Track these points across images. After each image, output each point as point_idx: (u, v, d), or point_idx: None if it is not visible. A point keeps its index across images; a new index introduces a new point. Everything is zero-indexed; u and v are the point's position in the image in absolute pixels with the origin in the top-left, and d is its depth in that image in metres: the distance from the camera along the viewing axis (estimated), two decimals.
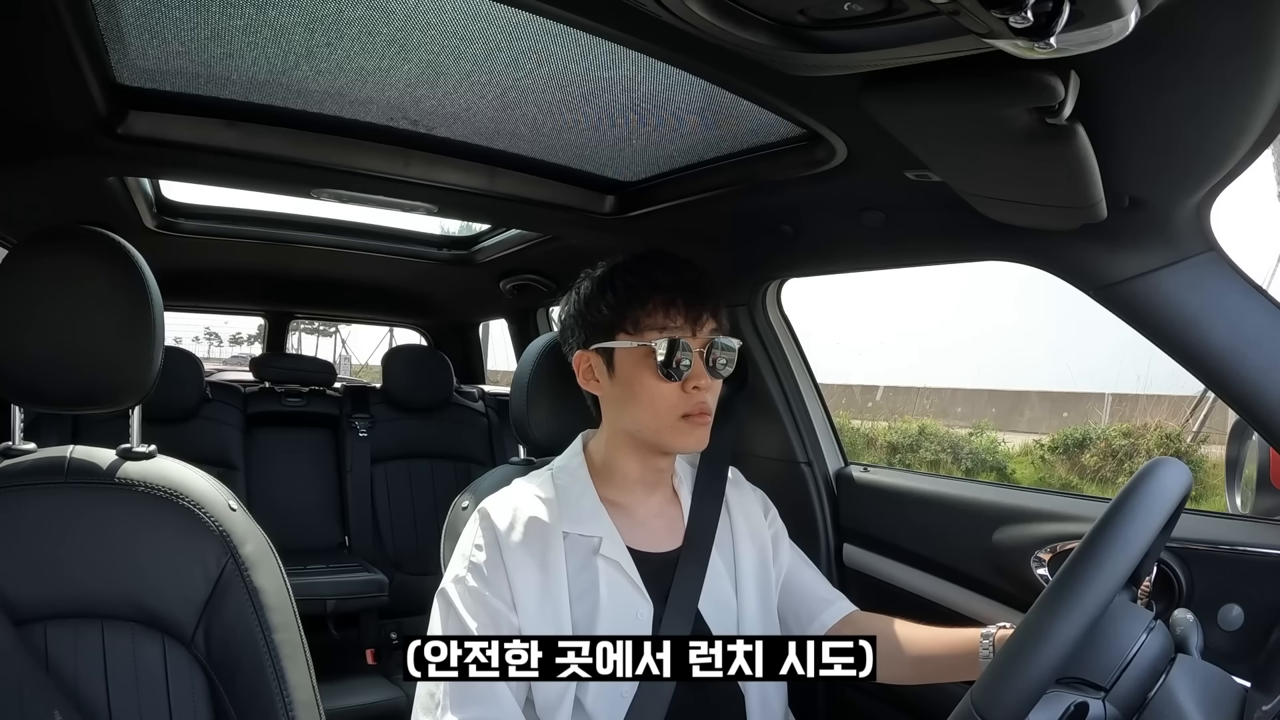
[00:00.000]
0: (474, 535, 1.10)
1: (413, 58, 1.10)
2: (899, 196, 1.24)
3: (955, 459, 10.74)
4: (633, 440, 1.14)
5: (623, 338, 1.10)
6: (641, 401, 1.10)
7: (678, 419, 1.09)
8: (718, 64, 0.88)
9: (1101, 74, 0.72)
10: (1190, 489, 0.78)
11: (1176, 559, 1.13)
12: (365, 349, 28.92)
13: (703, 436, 1.11)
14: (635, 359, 1.09)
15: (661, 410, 1.09)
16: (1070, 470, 10.12)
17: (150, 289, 1.05)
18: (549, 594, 1.06)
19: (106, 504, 1.04)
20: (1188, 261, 1.07)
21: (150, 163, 1.49)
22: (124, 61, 1.14)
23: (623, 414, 1.13)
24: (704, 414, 1.10)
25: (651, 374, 1.08)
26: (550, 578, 1.07)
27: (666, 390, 1.08)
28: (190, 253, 2.44)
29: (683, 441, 1.11)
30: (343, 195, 1.59)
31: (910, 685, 1.12)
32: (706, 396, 1.10)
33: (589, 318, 1.14)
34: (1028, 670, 0.68)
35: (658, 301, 1.09)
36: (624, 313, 1.10)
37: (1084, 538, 0.74)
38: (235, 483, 2.66)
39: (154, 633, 1.03)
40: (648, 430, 1.11)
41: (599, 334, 1.12)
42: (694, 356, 1.09)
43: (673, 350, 1.07)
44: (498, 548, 1.07)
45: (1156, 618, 0.80)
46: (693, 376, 1.09)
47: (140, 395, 1.07)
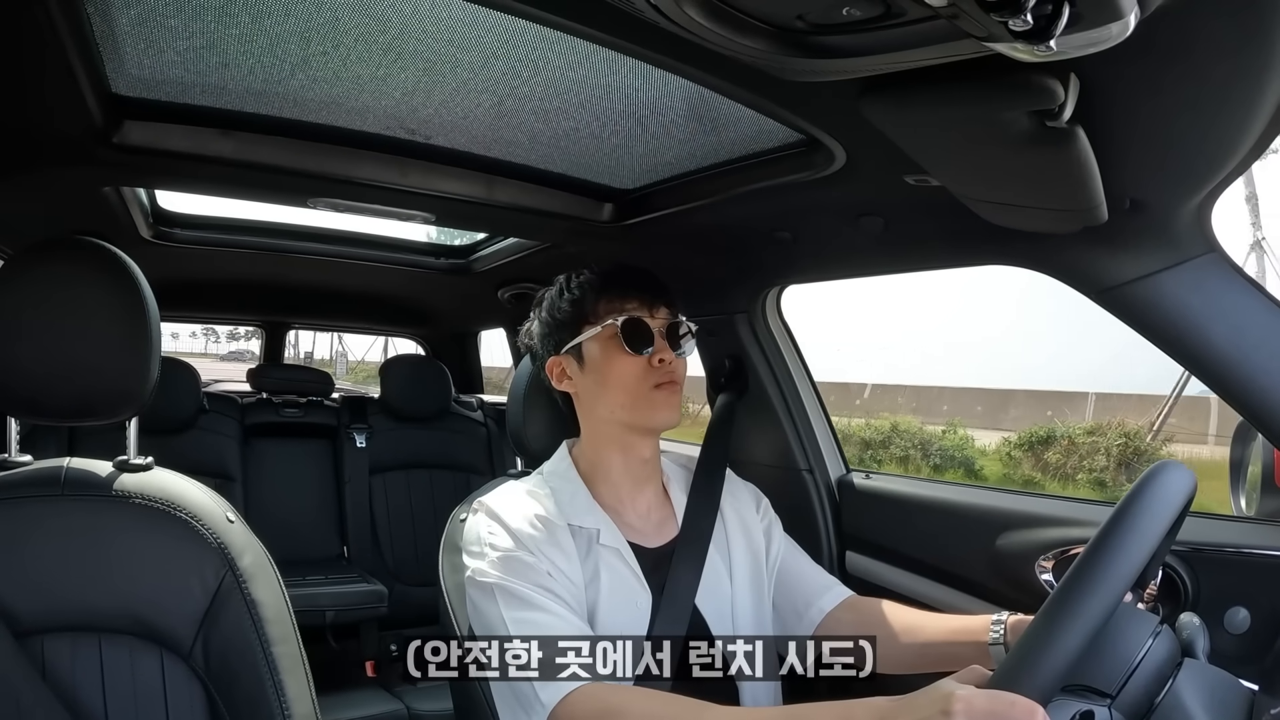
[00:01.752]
0: (485, 528, 1.12)
1: (409, 66, 1.11)
2: (898, 201, 1.24)
3: (925, 455, 10.79)
4: (611, 430, 1.19)
5: (586, 329, 1.18)
6: (612, 380, 1.16)
7: (649, 391, 1.16)
8: (715, 70, 0.88)
9: (1101, 76, 0.72)
10: (1195, 492, 0.78)
11: (1182, 562, 1.13)
12: (361, 345, 29.02)
13: (675, 407, 1.17)
14: (600, 342, 1.17)
15: (632, 384, 1.15)
16: (1034, 467, 10.18)
17: (147, 299, 1.05)
18: (569, 574, 1.09)
19: (103, 516, 1.04)
20: (1189, 263, 1.07)
21: (146, 172, 1.49)
22: (119, 71, 1.14)
23: (598, 402, 1.19)
24: (673, 383, 1.17)
25: (618, 351, 1.16)
26: (566, 558, 1.10)
27: (634, 365, 1.15)
28: (187, 263, 2.44)
29: (656, 414, 1.16)
30: (339, 205, 1.59)
31: (915, 675, 1.11)
32: (674, 369, 1.17)
33: (552, 323, 1.22)
34: (1033, 679, 0.67)
35: (614, 291, 1.19)
36: (583, 306, 1.19)
37: (1089, 543, 0.74)
38: (233, 494, 2.66)
39: (152, 646, 1.03)
40: (623, 409, 1.16)
41: (565, 334, 1.20)
42: (655, 334, 1.17)
43: (633, 324, 1.16)
44: (511, 535, 1.09)
45: (1162, 622, 0.80)
46: (656, 350, 1.16)
47: (137, 406, 1.07)
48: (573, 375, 1.21)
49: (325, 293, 3.07)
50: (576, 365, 1.20)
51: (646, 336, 1.16)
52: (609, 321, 1.16)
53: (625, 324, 1.15)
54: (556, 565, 1.08)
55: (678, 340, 1.19)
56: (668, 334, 1.18)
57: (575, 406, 1.24)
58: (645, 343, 1.15)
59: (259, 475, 2.84)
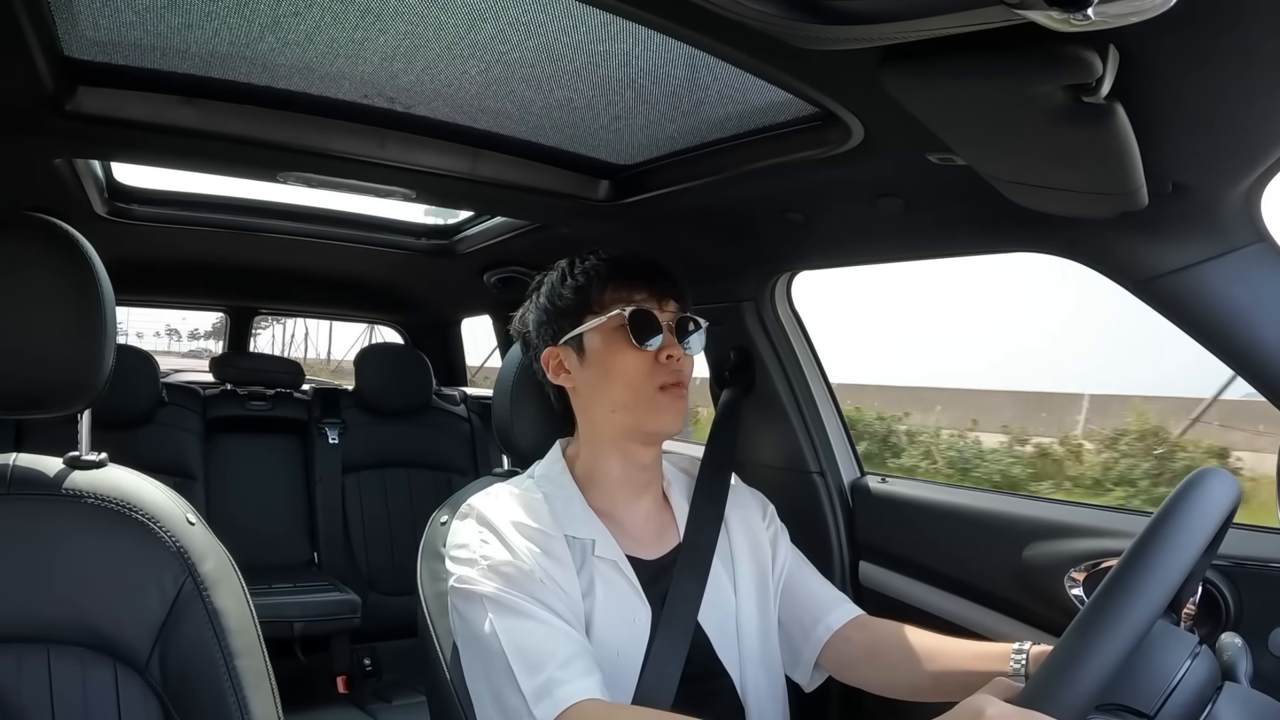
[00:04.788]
0: (476, 534, 1.12)
1: (389, 29, 1.10)
2: (920, 182, 1.24)
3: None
4: (611, 432, 1.19)
5: (589, 318, 1.18)
6: (615, 375, 1.16)
7: (654, 391, 1.15)
8: (723, 36, 0.88)
9: (1143, 48, 0.72)
10: (1239, 501, 0.78)
11: (1223, 578, 1.13)
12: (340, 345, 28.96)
13: (679, 412, 1.17)
14: (604, 334, 1.17)
15: (636, 381, 1.15)
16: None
17: (101, 281, 1.04)
18: (565, 585, 1.09)
19: (53, 517, 1.04)
20: (1236, 253, 1.07)
21: (101, 143, 1.48)
22: (72, 33, 1.13)
23: (597, 399, 1.18)
24: (680, 385, 1.17)
25: (623, 344, 1.15)
26: (562, 569, 1.10)
27: (640, 361, 1.15)
28: (145, 241, 2.43)
29: (660, 418, 1.16)
30: (312, 179, 1.58)
31: (929, 703, 1.12)
32: (681, 368, 1.17)
33: (552, 310, 1.22)
34: (1064, 698, 0.68)
35: (621, 280, 1.19)
36: (588, 294, 1.18)
37: (1123, 555, 0.74)
38: (194, 494, 2.66)
39: (105, 659, 1.03)
40: (625, 408, 1.16)
41: (565, 322, 1.20)
42: (664, 328, 1.17)
43: (641, 316, 1.16)
44: (505, 543, 1.09)
45: (1201, 642, 0.80)
46: (664, 346, 1.16)
47: (89, 398, 1.06)
48: (571, 368, 1.21)
49: (295, 275, 3.06)
50: (576, 358, 1.20)
51: (655, 330, 1.16)
52: (615, 311, 1.16)
53: (633, 315, 1.15)
54: (552, 576, 1.08)
55: (687, 336, 1.20)
56: (677, 329, 1.19)
57: (571, 402, 1.24)
58: (653, 337, 1.15)
59: (222, 473, 2.85)
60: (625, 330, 1.15)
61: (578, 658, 1.01)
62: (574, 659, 1.01)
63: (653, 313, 1.17)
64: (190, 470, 2.75)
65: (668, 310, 1.19)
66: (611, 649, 1.10)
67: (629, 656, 1.11)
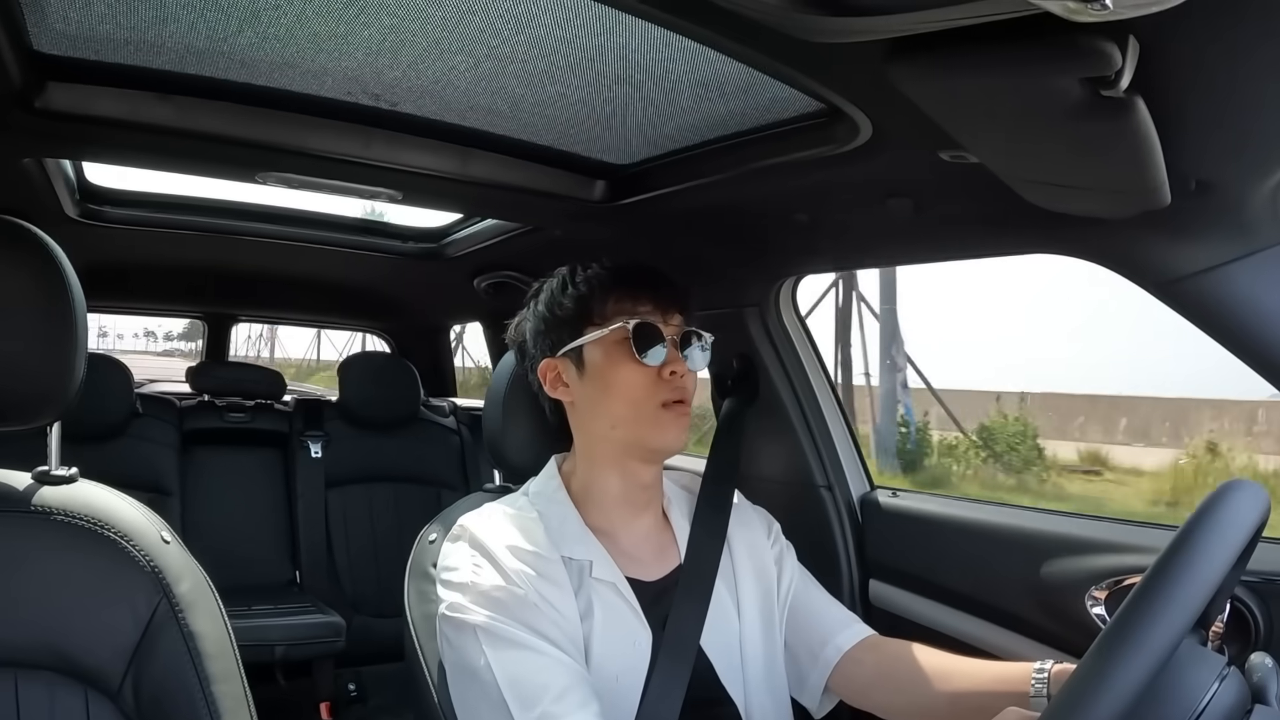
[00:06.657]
0: (469, 559, 1.11)
1: (374, 23, 1.10)
2: (930, 181, 1.24)
3: None
4: (610, 449, 1.18)
5: (591, 330, 1.18)
6: (616, 391, 1.16)
7: (657, 408, 1.15)
8: (723, 29, 0.88)
9: (1165, 39, 0.72)
10: (1268, 513, 0.78)
11: (1253, 594, 1.13)
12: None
13: (683, 430, 1.17)
14: (606, 347, 1.17)
15: (639, 397, 1.15)
16: None
17: (71, 287, 1.04)
18: (562, 610, 1.09)
19: (20, 535, 1.03)
20: (1263, 254, 1.07)
21: (72, 141, 1.48)
22: (41, 27, 1.13)
23: (596, 414, 1.18)
24: (683, 403, 1.17)
25: (625, 358, 1.15)
26: (560, 592, 1.10)
27: (642, 376, 1.15)
28: (118, 245, 2.43)
29: (662, 436, 1.15)
30: (293, 180, 1.58)
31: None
32: (685, 384, 1.17)
33: (551, 320, 1.22)
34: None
35: (624, 290, 1.19)
36: (589, 305, 1.18)
37: (1147, 572, 0.73)
38: (169, 510, 2.66)
39: (75, 684, 1.02)
40: (625, 424, 1.16)
41: (565, 333, 1.20)
42: (667, 342, 1.17)
43: (645, 329, 1.15)
44: (499, 569, 1.08)
45: (1230, 663, 0.80)
46: (669, 361, 1.16)
47: (59, 410, 1.06)
48: (569, 382, 1.21)
49: (276, 280, 3.06)
50: (575, 370, 1.20)
51: (659, 344, 1.16)
52: (618, 324, 1.16)
53: (637, 328, 1.15)
54: (548, 600, 1.07)
55: (690, 349, 1.20)
56: (681, 343, 1.19)
57: (568, 417, 1.24)
58: (657, 352, 1.15)
59: (199, 489, 2.84)
60: (628, 344, 1.15)
61: (574, 689, 1.00)
62: (569, 690, 1.00)
63: (657, 326, 1.17)
64: (165, 485, 2.74)
65: (672, 323, 1.19)
66: (610, 674, 1.09)
67: (629, 683, 1.11)
